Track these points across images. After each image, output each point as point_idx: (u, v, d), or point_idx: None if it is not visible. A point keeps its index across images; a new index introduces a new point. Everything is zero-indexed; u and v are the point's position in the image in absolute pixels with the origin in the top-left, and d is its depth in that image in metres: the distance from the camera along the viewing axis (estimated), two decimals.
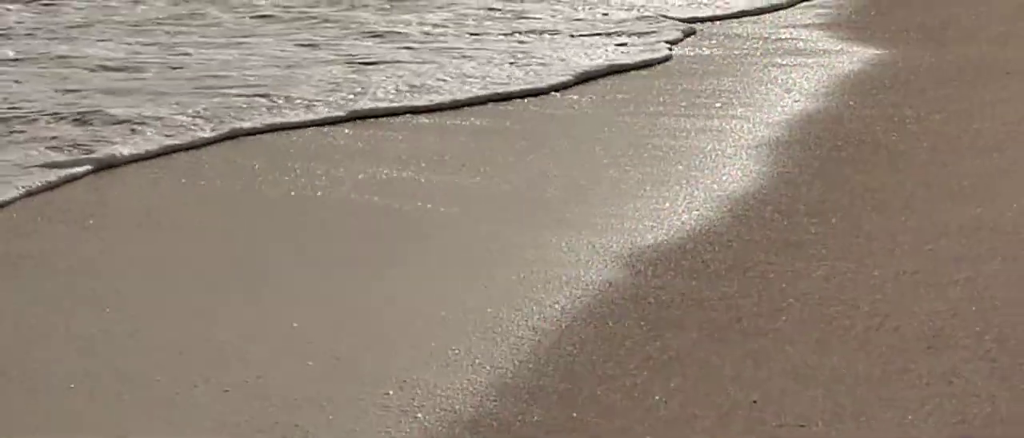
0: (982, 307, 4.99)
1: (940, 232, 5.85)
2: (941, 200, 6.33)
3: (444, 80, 9.38)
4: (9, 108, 8.68)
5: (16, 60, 10.37)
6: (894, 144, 7.38)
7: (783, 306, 5.18)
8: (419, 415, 4.45)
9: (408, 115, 8.56)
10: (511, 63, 9.92)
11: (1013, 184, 6.45)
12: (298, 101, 8.79)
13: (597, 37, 10.97)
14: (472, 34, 11.25)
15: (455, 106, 8.77)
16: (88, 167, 7.39)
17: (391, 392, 4.61)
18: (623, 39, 10.77)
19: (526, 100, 8.96)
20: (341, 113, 8.52)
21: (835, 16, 11.40)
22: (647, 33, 10.98)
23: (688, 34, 11.06)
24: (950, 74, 8.91)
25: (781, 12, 11.77)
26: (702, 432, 4.22)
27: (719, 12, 11.99)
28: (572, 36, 11.06)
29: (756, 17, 11.64)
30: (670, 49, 10.37)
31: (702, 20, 11.71)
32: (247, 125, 8.25)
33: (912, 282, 5.31)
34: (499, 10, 12.34)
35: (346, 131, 8.21)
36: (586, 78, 9.45)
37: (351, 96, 8.95)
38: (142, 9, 12.77)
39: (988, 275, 5.29)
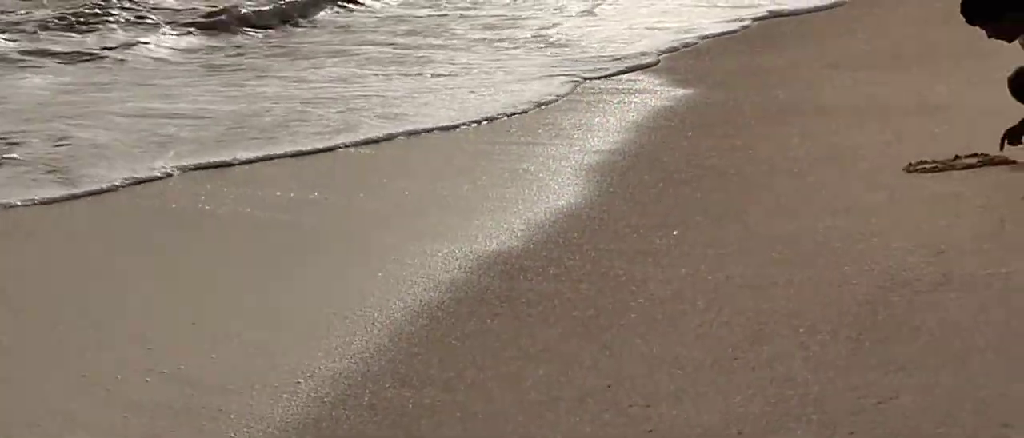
0: (797, 306, 5.03)
1: (763, 242, 5.89)
2: (764, 215, 6.37)
3: (369, 120, 9.25)
4: None
5: None
6: (725, 168, 7.42)
7: (633, 304, 5.20)
8: (326, 400, 4.42)
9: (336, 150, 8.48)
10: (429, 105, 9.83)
11: (822, 201, 6.52)
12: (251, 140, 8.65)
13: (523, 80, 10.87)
14: (403, 75, 11.12)
15: (372, 142, 8.66)
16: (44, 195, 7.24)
17: (301, 381, 4.56)
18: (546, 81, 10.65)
19: (435, 133, 8.91)
20: (281, 151, 8.37)
21: (672, 65, 11.45)
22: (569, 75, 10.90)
23: (643, 67, 11.00)
24: (771, 112, 9.00)
25: (628, 62, 11.72)
26: (565, 412, 4.21)
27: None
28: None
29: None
30: (576, 86, 10.33)
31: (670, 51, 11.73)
32: (197, 160, 8.05)
33: (740, 284, 5.34)
34: (439, 55, 12.25)
35: (279, 164, 8.12)
36: (489, 118, 9.34)
37: (288, 134, 8.82)
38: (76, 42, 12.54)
39: (802, 278, 5.34)
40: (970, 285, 5.08)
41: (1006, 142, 6.78)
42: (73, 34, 13.28)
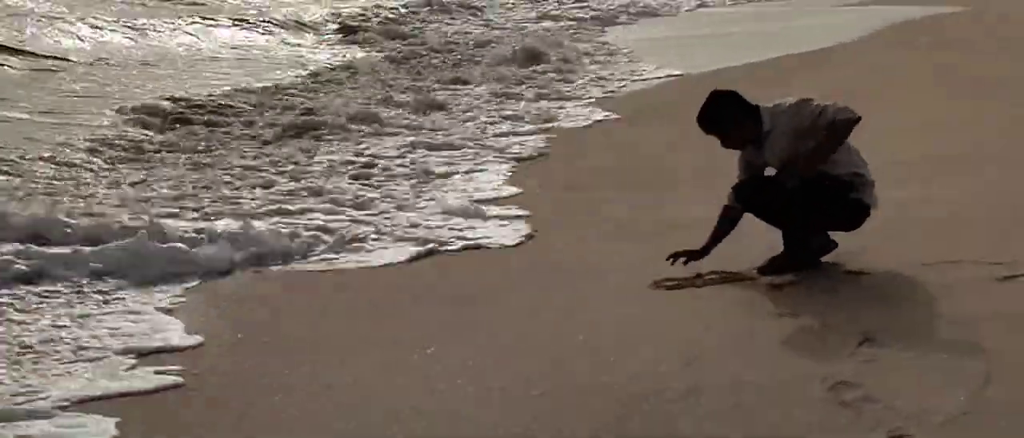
0: (557, 414, 5.24)
1: (522, 354, 6.07)
2: (522, 329, 6.55)
3: None
4: None
5: None
6: (482, 286, 7.53)
7: (397, 420, 5.23)
8: None
9: None
10: None
11: (576, 314, 6.72)
12: None
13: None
14: None
15: None
16: None
17: None
18: None
19: None
20: None
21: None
22: None
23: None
24: None
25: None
26: None
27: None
28: None
29: None
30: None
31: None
32: None
33: (501, 396, 5.51)
34: None
35: None
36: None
37: None
38: None
39: (562, 387, 5.56)
40: (719, 393, 5.34)
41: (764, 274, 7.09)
42: None
